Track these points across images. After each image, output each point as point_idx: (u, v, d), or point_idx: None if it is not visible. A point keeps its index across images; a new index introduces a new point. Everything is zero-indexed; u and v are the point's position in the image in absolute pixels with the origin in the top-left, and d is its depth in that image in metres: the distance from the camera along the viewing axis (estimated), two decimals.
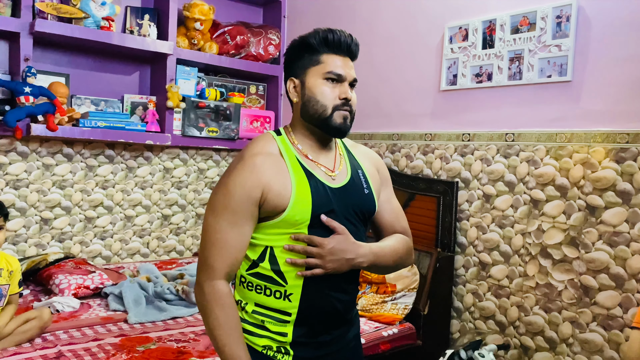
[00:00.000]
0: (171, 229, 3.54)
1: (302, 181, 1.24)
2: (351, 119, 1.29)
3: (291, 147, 1.29)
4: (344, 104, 1.26)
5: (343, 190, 1.29)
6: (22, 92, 2.62)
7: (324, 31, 1.28)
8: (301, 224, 1.23)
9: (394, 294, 2.47)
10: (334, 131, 1.28)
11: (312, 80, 1.27)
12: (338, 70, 1.26)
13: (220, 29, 3.46)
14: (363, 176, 1.36)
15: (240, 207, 1.20)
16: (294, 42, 1.32)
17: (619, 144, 2.09)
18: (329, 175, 1.29)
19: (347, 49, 1.29)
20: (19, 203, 2.94)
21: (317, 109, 1.26)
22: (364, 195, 1.33)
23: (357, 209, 1.31)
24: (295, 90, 1.32)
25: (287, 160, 1.26)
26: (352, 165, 1.36)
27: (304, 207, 1.22)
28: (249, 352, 1.27)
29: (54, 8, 2.73)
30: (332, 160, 1.33)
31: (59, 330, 2.13)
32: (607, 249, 2.12)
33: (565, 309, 2.25)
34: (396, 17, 3.02)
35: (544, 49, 2.33)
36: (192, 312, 2.44)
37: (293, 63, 1.32)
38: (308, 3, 3.64)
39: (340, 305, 1.30)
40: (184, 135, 3.28)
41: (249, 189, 1.20)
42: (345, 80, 1.27)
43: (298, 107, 1.32)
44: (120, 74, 3.29)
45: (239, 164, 1.24)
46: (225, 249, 1.20)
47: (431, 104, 2.83)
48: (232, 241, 1.21)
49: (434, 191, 2.70)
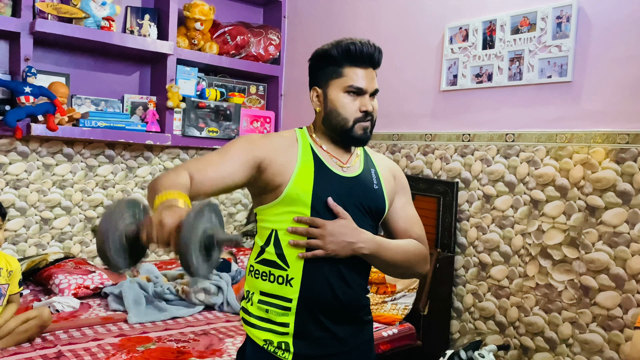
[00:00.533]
0: None
1: (307, 163, 1.29)
2: (372, 127, 1.34)
3: (308, 138, 1.35)
4: (365, 116, 1.30)
5: (351, 180, 1.32)
6: (22, 92, 2.62)
7: (346, 43, 1.29)
8: (303, 204, 1.25)
9: (394, 294, 2.47)
10: (355, 141, 1.33)
11: (334, 92, 1.31)
12: (359, 83, 1.29)
13: (221, 29, 3.46)
14: (375, 174, 1.38)
15: (238, 153, 1.25)
16: (317, 52, 1.35)
17: (619, 145, 2.09)
18: (339, 166, 1.33)
19: (370, 59, 1.31)
20: (19, 203, 2.94)
21: (339, 121, 1.30)
22: (372, 190, 1.35)
23: (363, 201, 1.32)
24: (318, 100, 1.36)
25: (300, 145, 1.32)
26: (366, 164, 1.39)
27: (304, 185, 1.25)
28: (251, 345, 1.29)
29: (55, 8, 2.73)
30: (347, 157, 1.36)
31: (58, 330, 2.13)
32: (607, 250, 2.12)
33: (565, 309, 2.25)
34: (396, 18, 3.02)
35: (544, 49, 2.33)
36: (192, 312, 2.44)
37: (316, 73, 1.36)
38: (308, 3, 3.64)
39: (342, 296, 1.28)
40: (184, 135, 3.28)
41: (253, 150, 1.26)
42: (366, 93, 1.31)
43: (320, 116, 1.35)
44: (120, 74, 3.29)
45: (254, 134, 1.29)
46: (210, 164, 1.23)
47: (431, 105, 2.83)
48: (219, 162, 1.24)
49: (434, 191, 2.70)
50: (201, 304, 2.50)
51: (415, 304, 2.49)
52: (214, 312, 2.49)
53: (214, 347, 2.07)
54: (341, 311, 1.30)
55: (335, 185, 1.29)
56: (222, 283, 2.58)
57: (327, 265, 1.26)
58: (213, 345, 2.09)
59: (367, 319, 1.38)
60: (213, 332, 2.24)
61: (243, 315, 1.34)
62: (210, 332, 2.23)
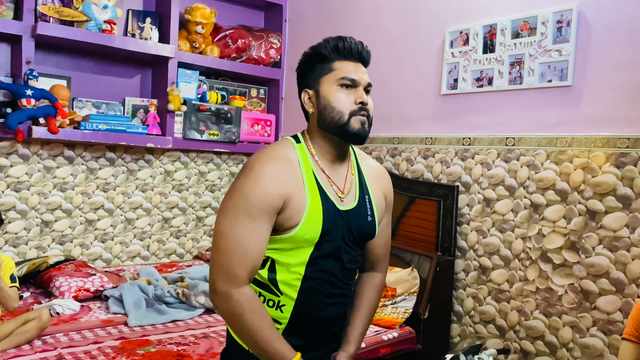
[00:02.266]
0: (172, 232, 3.54)
1: (315, 199, 1.23)
2: (369, 124, 1.28)
3: (309, 158, 1.28)
4: (360, 108, 1.25)
5: (348, 213, 1.29)
6: (23, 94, 2.63)
7: (334, 39, 1.28)
8: (309, 242, 1.23)
9: (394, 298, 2.47)
10: (353, 137, 1.26)
11: (326, 88, 1.26)
12: (351, 75, 1.25)
13: (222, 33, 3.47)
14: (369, 202, 1.35)
15: (260, 212, 1.16)
16: (306, 54, 1.32)
17: (619, 149, 2.09)
18: (338, 197, 1.28)
19: (359, 56, 1.29)
20: (20, 205, 2.94)
21: (334, 116, 1.24)
22: (366, 222, 1.33)
23: (357, 233, 1.31)
24: (310, 101, 1.30)
25: (303, 171, 1.25)
26: (361, 189, 1.35)
27: (314, 226, 1.22)
28: (236, 349, 1.29)
29: (56, 11, 2.74)
30: (344, 178, 1.32)
31: (59, 332, 2.13)
32: (608, 254, 2.12)
33: (565, 313, 2.25)
34: (397, 21, 3.03)
35: (545, 53, 2.33)
36: (192, 315, 2.44)
37: (306, 75, 1.32)
38: (309, 7, 3.65)
39: (331, 319, 1.32)
40: (184, 138, 3.29)
41: (271, 197, 1.17)
42: (359, 85, 1.27)
43: (314, 117, 1.30)
44: (121, 77, 3.30)
45: (258, 166, 1.20)
46: (247, 255, 1.16)
47: (432, 108, 2.83)
48: (252, 247, 1.17)
49: (434, 195, 2.70)
50: (201, 307, 2.50)
51: (416, 308, 2.49)
52: (214, 315, 2.49)
53: (214, 351, 2.07)
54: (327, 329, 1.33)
55: (337, 221, 1.26)
56: None
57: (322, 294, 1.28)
58: (213, 348, 2.09)
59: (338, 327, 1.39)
60: (213, 335, 2.24)
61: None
62: (211, 335, 2.23)
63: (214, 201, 3.71)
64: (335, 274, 1.29)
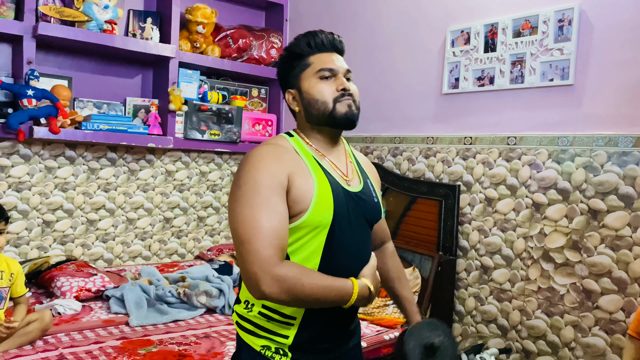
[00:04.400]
0: (173, 232, 3.54)
1: (323, 180, 1.23)
2: (356, 107, 1.29)
3: (305, 146, 1.29)
4: (342, 94, 1.27)
5: (358, 196, 1.30)
6: (24, 94, 2.63)
7: (305, 35, 1.31)
8: (323, 226, 1.21)
9: None
10: (342, 122, 1.27)
11: (307, 83, 1.28)
12: (328, 65, 1.28)
13: (223, 32, 3.47)
14: (371, 185, 1.38)
15: (271, 191, 1.15)
16: (281, 56, 1.35)
17: (621, 148, 2.09)
18: (344, 179, 1.29)
19: (332, 46, 1.31)
20: (21, 205, 2.95)
21: (319, 107, 1.26)
22: (374, 204, 1.35)
23: (368, 216, 1.32)
24: (294, 100, 1.32)
25: (304, 157, 1.25)
26: (362, 173, 1.37)
27: (326, 208, 1.20)
28: (247, 351, 1.27)
29: (57, 11, 2.74)
30: (345, 164, 1.33)
31: (60, 332, 2.13)
32: (610, 253, 2.12)
33: (567, 313, 2.25)
34: (398, 21, 3.02)
35: (546, 52, 2.33)
36: (194, 315, 2.44)
37: (286, 76, 1.34)
38: (310, 6, 3.65)
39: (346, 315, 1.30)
40: (186, 138, 3.29)
41: (277, 174, 1.17)
42: (338, 74, 1.28)
43: (302, 114, 1.31)
44: (122, 77, 3.30)
45: (258, 156, 1.20)
46: (273, 233, 1.12)
47: (433, 108, 2.83)
48: (276, 224, 1.13)
49: (435, 195, 2.70)
50: (203, 307, 2.50)
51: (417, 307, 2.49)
52: (216, 315, 2.49)
53: (216, 350, 2.07)
54: (341, 326, 1.31)
55: (348, 203, 1.25)
56: (224, 286, 2.58)
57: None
58: (215, 348, 2.09)
59: (354, 326, 1.38)
60: (214, 335, 2.23)
61: (238, 320, 1.31)
62: (212, 335, 2.23)
63: (215, 201, 3.71)
64: (350, 261, 1.26)
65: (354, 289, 1.18)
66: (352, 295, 1.18)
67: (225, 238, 3.77)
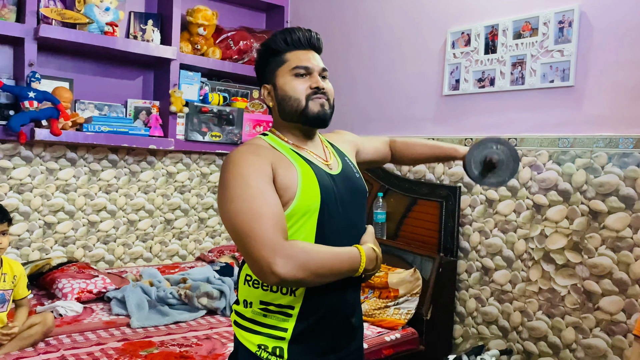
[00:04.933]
0: (174, 234, 3.54)
1: (305, 167, 1.25)
2: (329, 106, 1.31)
3: (282, 142, 1.31)
4: (315, 92, 1.28)
5: (340, 176, 1.32)
6: (26, 96, 2.63)
7: (282, 32, 1.32)
8: (312, 213, 1.22)
9: (397, 299, 2.46)
10: (313, 120, 1.29)
11: (281, 80, 1.30)
12: (303, 63, 1.29)
13: (224, 34, 3.47)
14: (350, 163, 1.40)
15: (259, 181, 1.16)
16: (259, 51, 1.37)
17: (621, 149, 2.09)
18: (325, 164, 1.31)
19: (309, 43, 1.32)
20: (23, 207, 2.95)
21: (292, 104, 1.28)
22: (357, 179, 1.37)
23: (355, 192, 1.34)
24: (269, 96, 1.34)
25: (282, 151, 1.28)
26: (340, 155, 1.40)
27: (313, 193, 1.22)
28: (244, 352, 1.26)
29: (59, 14, 2.75)
30: (322, 151, 1.35)
31: (62, 334, 2.13)
32: (610, 254, 2.12)
33: (568, 314, 2.25)
34: (398, 22, 3.03)
35: (547, 54, 2.33)
36: (195, 317, 2.44)
37: (263, 71, 1.36)
38: (310, 8, 3.66)
39: (343, 306, 1.30)
40: (187, 139, 3.29)
41: (261, 166, 1.18)
42: (313, 72, 1.30)
43: (276, 110, 1.34)
44: (123, 78, 3.30)
45: (237, 155, 1.21)
46: (275, 217, 1.13)
47: (434, 109, 2.83)
48: (275, 210, 1.14)
49: (436, 196, 2.70)
50: (204, 309, 2.51)
51: (418, 309, 2.49)
52: (217, 317, 2.50)
53: (217, 352, 2.07)
54: (340, 317, 1.30)
55: (334, 186, 1.27)
56: (225, 287, 2.58)
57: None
58: (216, 349, 2.09)
59: (357, 323, 1.37)
60: (216, 336, 2.24)
61: (236, 318, 1.31)
62: (213, 336, 2.24)
63: (216, 202, 3.71)
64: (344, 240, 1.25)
65: (360, 253, 1.21)
66: (361, 259, 1.20)
67: (226, 239, 3.78)
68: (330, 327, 1.29)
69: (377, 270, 1.29)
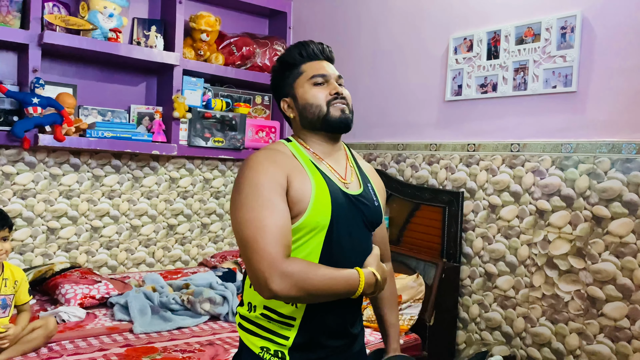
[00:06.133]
0: (177, 239, 3.55)
1: (320, 182, 1.25)
2: (350, 110, 1.34)
3: (304, 150, 1.31)
4: (335, 98, 1.31)
5: (358, 198, 1.31)
6: (30, 102, 2.65)
7: (296, 46, 1.36)
8: (320, 229, 1.22)
9: (400, 305, 2.46)
10: (336, 125, 1.31)
11: (301, 90, 1.33)
12: (320, 71, 1.33)
13: (226, 40, 3.49)
14: (372, 189, 1.39)
15: (271, 192, 1.17)
16: (274, 67, 1.39)
17: (624, 155, 2.09)
18: (342, 182, 1.31)
19: (322, 54, 1.37)
20: (26, 213, 2.96)
21: (314, 112, 1.30)
22: (374, 207, 1.36)
23: (368, 219, 1.33)
24: (289, 108, 1.36)
25: (301, 161, 1.27)
26: (362, 177, 1.39)
27: (324, 209, 1.22)
28: (247, 354, 1.28)
29: (63, 20, 2.77)
30: (344, 168, 1.35)
31: (64, 340, 2.13)
32: (614, 260, 2.11)
33: (572, 320, 2.24)
34: (401, 28, 3.04)
35: (549, 59, 2.33)
36: (197, 322, 2.44)
37: (280, 86, 1.38)
38: (313, 14, 3.67)
39: (345, 316, 1.31)
40: (190, 145, 3.30)
41: (275, 176, 1.19)
42: (331, 79, 1.33)
43: (297, 120, 1.35)
44: (127, 84, 3.32)
45: (255, 160, 1.22)
46: (279, 232, 1.14)
47: (436, 114, 2.84)
48: (281, 223, 1.15)
49: (439, 201, 2.70)
50: (207, 314, 2.50)
51: (421, 315, 2.48)
52: (220, 323, 2.49)
53: (220, 358, 2.07)
54: (342, 327, 1.31)
55: (347, 205, 1.27)
56: (228, 293, 2.58)
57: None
58: (218, 355, 2.09)
59: (358, 330, 1.38)
60: (219, 342, 2.23)
61: (240, 321, 1.32)
62: (216, 342, 2.23)
63: (219, 208, 3.72)
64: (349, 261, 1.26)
65: (360, 277, 1.20)
66: (360, 283, 1.19)
67: (228, 245, 3.78)
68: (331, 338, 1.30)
69: (378, 292, 1.28)
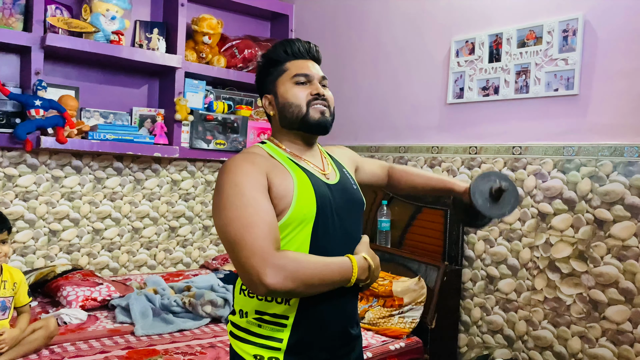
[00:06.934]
0: (178, 241, 3.55)
1: (302, 176, 1.25)
2: (330, 113, 1.32)
3: (280, 150, 1.31)
4: (316, 98, 1.30)
5: (338, 186, 1.32)
6: (32, 105, 2.65)
7: (282, 43, 1.35)
8: (307, 221, 1.22)
9: (401, 308, 2.46)
10: (315, 127, 1.30)
11: (282, 88, 1.32)
12: (304, 71, 1.31)
13: (228, 43, 3.49)
14: (348, 174, 1.41)
15: (253, 190, 1.16)
16: (259, 62, 1.39)
17: (627, 158, 2.09)
18: (322, 174, 1.32)
19: (308, 53, 1.35)
20: (28, 215, 2.96)
21: (293, 111, 1.29)
22: (354, 191, 1.38)
23: (351, 203, 1.34)
24: (270, 105, 1.36)
25: (279, 159, 1.28)
26: (338, 166, 1.40)
27: (309, 202, 1.22)
28: None
29: (65, 22, 2.77)
30: (320, 161, 1.36)
31: (66, 342, 2.13)
32: (616, 263, 2.11)
33: (574, 323, 2.24)
34: (403, 31, 3.04)
35: (551, 62, 2.33)
36: (199, 325, 2.44)
37: (263, 81, 1.38)
38: (315, 17, 3.67)
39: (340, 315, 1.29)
40: (191, 147, 3.30)
41: (256, 176, 1.18)
42: (313, 79, 1.32)
43: (276, 118, 1.35)
44: (129, 87, 3.32)
45: (233, 163, 1.21)
46: (265, 225, 1.12)
47: (438, 117, 2.84)
48: (267, 218, 1.14)
49: (441, 204, 2.69)
50: (208, 317, 2.50)
51: (423, 318, 2.48)
52: (221, 325, 2.49)
53: None
54: (336, 329, 1.29)
55: (330, 195, 1.27)
56: (229, 295, 2.58)
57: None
58: (220, 358, 2.09)
59: (356, 333, 1.36)
60: (220, 345, 2.23)
61: (232, 329, 1.31)
62: (217, 345, 2.23)
63: None
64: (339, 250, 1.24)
65: (352, 262, 1.20)
66: (353, 269, 1.19)
67: None
68: (326, 337, 1.28)
69: (373, 281, 1.27)
